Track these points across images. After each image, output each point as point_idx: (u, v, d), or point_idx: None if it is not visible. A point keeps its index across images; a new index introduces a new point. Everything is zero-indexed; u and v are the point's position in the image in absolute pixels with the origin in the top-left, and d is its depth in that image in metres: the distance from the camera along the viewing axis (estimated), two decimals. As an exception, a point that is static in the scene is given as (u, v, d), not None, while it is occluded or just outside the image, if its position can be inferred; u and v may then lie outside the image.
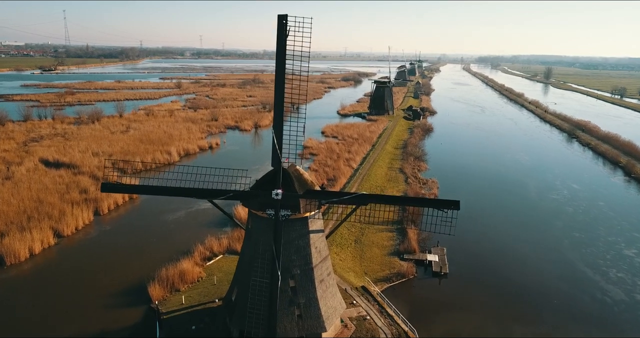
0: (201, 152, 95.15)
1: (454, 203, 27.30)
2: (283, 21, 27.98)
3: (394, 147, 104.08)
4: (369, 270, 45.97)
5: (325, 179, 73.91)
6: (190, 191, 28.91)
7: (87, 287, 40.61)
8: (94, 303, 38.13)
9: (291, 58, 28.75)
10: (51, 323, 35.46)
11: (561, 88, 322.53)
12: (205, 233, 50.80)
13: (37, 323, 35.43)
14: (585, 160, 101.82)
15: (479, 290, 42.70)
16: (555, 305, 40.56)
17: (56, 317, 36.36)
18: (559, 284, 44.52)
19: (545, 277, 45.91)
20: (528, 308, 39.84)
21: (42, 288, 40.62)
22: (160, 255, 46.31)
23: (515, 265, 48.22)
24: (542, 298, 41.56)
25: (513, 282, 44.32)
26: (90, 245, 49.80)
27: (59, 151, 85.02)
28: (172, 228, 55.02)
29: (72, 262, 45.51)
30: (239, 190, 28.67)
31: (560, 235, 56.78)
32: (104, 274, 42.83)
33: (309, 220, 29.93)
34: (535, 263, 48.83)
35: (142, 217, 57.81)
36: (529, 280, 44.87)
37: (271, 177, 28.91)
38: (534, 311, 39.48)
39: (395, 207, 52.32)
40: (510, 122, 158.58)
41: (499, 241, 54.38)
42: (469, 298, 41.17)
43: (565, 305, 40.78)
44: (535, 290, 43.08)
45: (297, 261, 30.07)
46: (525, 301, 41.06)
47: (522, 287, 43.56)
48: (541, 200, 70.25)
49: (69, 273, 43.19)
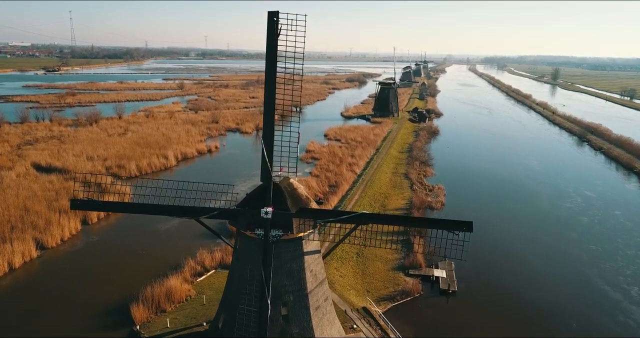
0: (200, 156, 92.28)
1: (466, 225, 24.05)
2: (274, 18, 24.88)
3: (399, 150, 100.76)
4: (372, 287, 42.75)
5: (326, 185, 70.72)
6: (170, 209, 25.86)
7: (65, 307, 37.63)
8: (71, 325, 35.12)
9: (283, 59, 25.71)
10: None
11: (569, 89, 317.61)
12: (198, 245, 47.74)
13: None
14: (597, 165, 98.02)
15: (490, 311, 39.38)
16: (574, 329, 37.18)
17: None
18: (578, 304, 41.12)
19: (562, 296, 42.49)
20: (544, 332, 36.48)
21: (17, 306, 37.68)
22: (148, 270, 43.31)
23: (528, 282, 44.83)
24: (560, 321, 38.19)
25: (527, 302, 40.95)
26: (75, 258, 46.85)
27: (53, 155, 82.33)
28: (164, 238, 52.02)
29: (53, 278, 42.57)
30: (224, 208, 25.57)
31: (576, 249, 53.29)
32: (85, 292, 39.84)
33: (303, 240, 26.79)
34: (551, 280, 45.41)
35: (133, 227, 54.83)
36: (544, 300, 41.48)
37: (260, 193, 25.82)
38: (551, 335, 36.12)
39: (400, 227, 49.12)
40: (519, 124, 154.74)
41: (510, 254, 50.99)
42: (478, 321, 37.86)
43: (585, 328, 37.38)
44: (551, 311, 39.70)
45: (290, 286, 26.92)
46: (541, 324, 37.68)
47: (537, 307, 40.18)
48: (554, 209, 66.70)
49: (48, 290, 40.24)
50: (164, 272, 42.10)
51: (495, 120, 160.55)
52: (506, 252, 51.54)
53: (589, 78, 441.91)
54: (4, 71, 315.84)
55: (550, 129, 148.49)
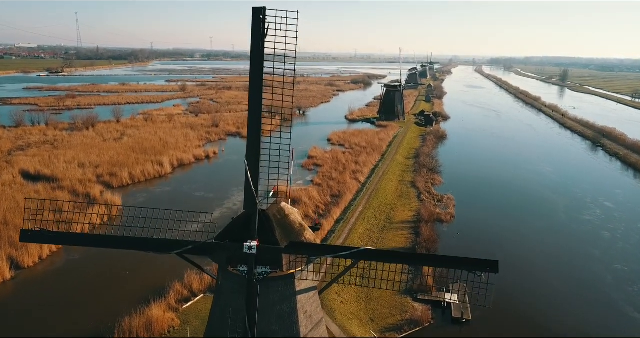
0: (197, 162, 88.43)
1: (490, 265, 19.88)
2: (260, 16, 20.87)
3: (405, 156, 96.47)
4: (377, 315, 38.58)
5: (329, 196, 66.61)
6: (137, 242, 21.87)
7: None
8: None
9: (276, 61, 21.77)
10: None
11: (578, 91, 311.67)
12: (186, 266, 43.56)
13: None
14: (615, 173, 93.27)
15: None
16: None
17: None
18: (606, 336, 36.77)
19: (588, 325, 38.14)
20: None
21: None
22: (129, 295, 39.39)
23: (550, 308, 40.48)
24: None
25: (549, 332, 36.63)
26: (51, 280, 42.93)
27: (43, 161, 78.73)
28: (150, 256, 47.66)
29: (25, 303, 38.63)
30: (199, 242, 21.52)
31: (600, 268, 48.83)
32: (56, 322, 35.87)
33: (295, 278, 22.72)
34: (575, 306, 41.05)
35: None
36: (568, 329, 37.14)
37: (244, 222, 21.77)
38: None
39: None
40: (529, 128, 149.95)
41: (529, 274, 46.57)
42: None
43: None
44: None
45: (280, 332, 22.81)
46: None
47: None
48: (572, 222, 62.23)
49: (16, 319, 36.35)
50: (148, 296, 38.10)
51: (505, 124, 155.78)
52: (524, 271, 47.12)
53: (598, 79, 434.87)
54: (6, 73, 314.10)
55: (562, 133, 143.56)
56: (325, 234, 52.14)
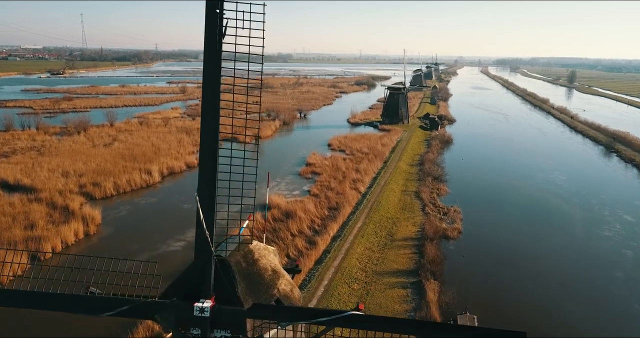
0: (189, 170, 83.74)
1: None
2: (216, 11, 16.17)
3: (409, 164, 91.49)
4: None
5: (326, 209, 61.75)
6: (58, 301, 17.18)
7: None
8: None
9: (243, 61, 17.26)
10: None
11: (587, 93, 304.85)
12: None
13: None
14: (632, 182, 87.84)
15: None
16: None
17: None
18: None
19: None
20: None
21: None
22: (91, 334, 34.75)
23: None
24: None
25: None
26: (6, 314, 38.33)
27: (25, 170, 74.42)
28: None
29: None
30: (137, 300, 16.78)
31: (626, 293, 43.72)
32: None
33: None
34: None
35: (94, 266, 46.27)
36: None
37: (196, 275, 17.04)
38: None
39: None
40: (538, 132, 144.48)
41: (547, 300, 41.49)
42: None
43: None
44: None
45: None
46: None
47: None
48: (591, 239, 57.09)
49: None
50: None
51: (513, 127, 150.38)
52: (542, 296, 42.07)
53: (606, 80, 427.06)
54: (8, 74, 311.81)
55: (573, 136, 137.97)
56: (320, 255, 47.38)
